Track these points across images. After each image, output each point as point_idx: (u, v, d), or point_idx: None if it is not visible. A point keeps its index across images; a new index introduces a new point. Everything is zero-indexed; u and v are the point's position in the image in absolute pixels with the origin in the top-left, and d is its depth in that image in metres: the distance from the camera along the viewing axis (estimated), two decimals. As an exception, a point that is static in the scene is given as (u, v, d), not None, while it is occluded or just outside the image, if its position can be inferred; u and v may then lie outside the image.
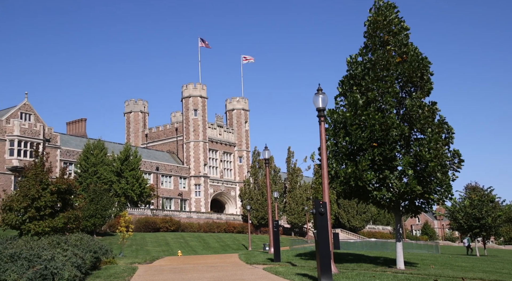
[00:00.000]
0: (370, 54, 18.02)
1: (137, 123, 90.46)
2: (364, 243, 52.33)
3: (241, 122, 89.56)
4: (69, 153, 65.33)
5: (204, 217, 71.42)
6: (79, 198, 34.36)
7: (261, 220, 71.28)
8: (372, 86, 17.27)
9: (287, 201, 76.39)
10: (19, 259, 10.59)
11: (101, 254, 19.19)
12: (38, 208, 27.73)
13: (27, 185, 28.39)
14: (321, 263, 11.93)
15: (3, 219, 28.73)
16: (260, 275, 14.70)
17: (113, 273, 15.37)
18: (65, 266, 11.60)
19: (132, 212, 60.29)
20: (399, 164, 16.75)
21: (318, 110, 16.42)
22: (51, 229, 27.28)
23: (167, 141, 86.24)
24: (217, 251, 45.71)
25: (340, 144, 17.56)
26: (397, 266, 17.44)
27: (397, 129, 16.48)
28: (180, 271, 16.90)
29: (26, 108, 60.67)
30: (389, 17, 17.75)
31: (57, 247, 15.24)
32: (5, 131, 57.24)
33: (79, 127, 79.55)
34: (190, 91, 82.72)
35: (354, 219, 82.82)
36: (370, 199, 17.46)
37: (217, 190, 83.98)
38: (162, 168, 76.57)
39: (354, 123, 17.16)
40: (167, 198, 76.73)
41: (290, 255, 25.97)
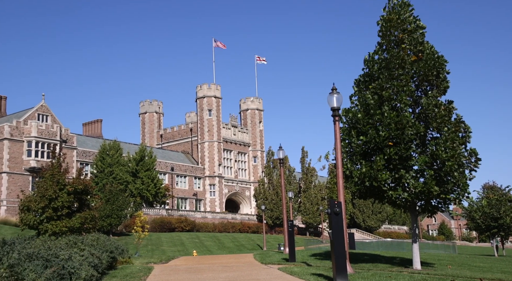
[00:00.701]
0: (385, 53, 17.89)
1: (152, 124, 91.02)
2: (380, 243, 52.00)
3: (255, 122, 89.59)
4: (85, 153, 65.99)
5: (219, 217, 71.59)
6: (95, 198, 34.64)
7: (275, 220, 71.22)
8: (387, 85, 17.14)
9: (302, 201, 76.21)
10: (37, 259, 10.73)
11: (117, 254, 19.33)
12: (55, 208, 28.05)
13: (44, 185, 28.73)
14: (336, 263, 11.88)
15: (22, 219, 29.13)
16: (275, 275, 14.68)
17: (129, 273, 15.48)
18: (82, 265, 11.72)
19: (148, 212, 60.69)
20: (415, 163, 16.60)
21: (333, 109, 16.35)
22: (68, 229, 27.58)
23: (182, 141, 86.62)
24: (232, 251, 45.80)
25: (355, 144, 17.47)
26: (414, 266, 17.29)
27: (412, 128, 16.33)
28: (195, 271, 16.96)
29: (43, 110, 61.43)
30: (403, 15, 17.60)
31: (74, 247, 15.41)
32: (23, 132, 58.02)
33: (95, 128, 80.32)
34: (205, 92, 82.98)
35: (370, 219, 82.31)
36: (385, 198, 17.34)
37: (231, 190, 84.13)
38: (177, 168, 76.93)
39: (368, 123, 17.05)
40: (182, 198, 77.07)
41: (305, 255, 25.90)
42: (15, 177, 56.73)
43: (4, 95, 66.80)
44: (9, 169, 56.49)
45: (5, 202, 55.65)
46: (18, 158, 57.36)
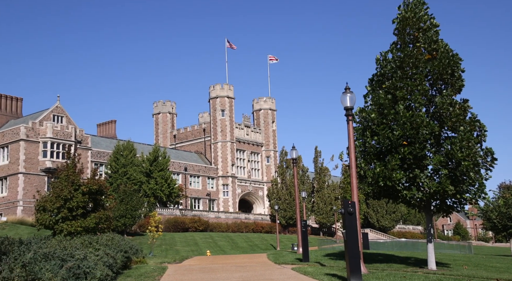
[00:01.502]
0: (399, 51, 17.77)
1: (165, 124, 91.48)
2: (394, 243, 51.65)
3: (268, 122, 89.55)
4: (100, 154, 66.54)
5: (232, 217, 71.70)
6: (110, 199, 34.92)
7: (289, 220, 71.13)
8: (401, 84, 17.03)
9: (315, 201, 76.02)
10: (53, 258, 10.84)
11: (132, 253, 19.48)
12: (71, 209, 28.34)
13: (59, 185, 29.05)
14: (350, 263, 11.83)
15: (38, 219, 29.49)
16: (289, 275, 14.66)
17: (144, 273, 15.57)
18: (97, 265, 11.82)
19: (161, 212, 61.01)
20: (430, 162, 16.45)
21: (346, 109, 16.28)
22: (83, 229, 27.85)
23: (195, 141, 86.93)
24: (245, 251, 45.84)
25: (369, 143, 17.38)
26: (429, 267, 17.15)
27: (427, 127, 16.19)
28: (209, 270, 17.00)
29: (58, 111, 62.10)
30: (419, 13, 17.47)
31: (89, 246, 15.56)
32: (38, 133, 58.71)
33: (109, 129, 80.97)
34: (217, 92, 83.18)
35: (384, 218, 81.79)
36: (400, 198, 17.21)
37: (244, 190, 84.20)
38: (190, 168, 77.22)
39: (382, 122, 16.94)
40: (196, 198, 77.35)
41: (319, 255, 25.83)
42: (31, 178, 57.42)
43: (20, 97, 67.66)
44: (25, 170, 57.20)
45: (22, 202, 56.36)
46: (34, 158, 58.05)
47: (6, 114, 65.29)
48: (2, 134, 59.76)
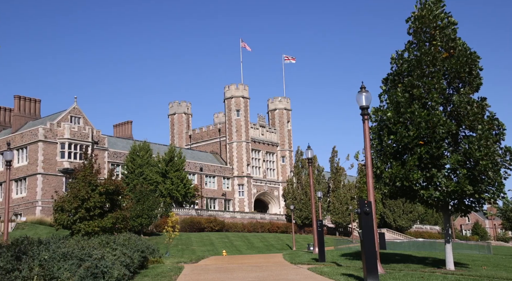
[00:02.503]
0: (416, 50, 17.60)
1: (181, 124, 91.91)
2: (411, 243, 51.17)
3: (284, 122, 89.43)
4: (116, 154, 67.13)
5: (248, 217, 71.76)
6: (126, 199, 35.21)
7: (304, 220, 70.95)
8: (418, 83, 16.87)
9: (331, 201, 75.70)
10: (71, 258, 10.97)
11: (148, 253, 19.60)
12: (88, 209, 28.65)
13: (77, 186, 29.38)
14: (367, 263, 11.76)
15: (56, 219, 29.88)
16: (305, 275, 14.62)
17: (160, 272, 15.66)
18: (115, 265, 11.92)
19: (177, 212, 61.29)
20: (447, 162, 16.28)
21: (362, 108, 16.18)
22: (100, 229, 28.12)
23: (210, 141, 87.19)
24: (261, 250, 45.84)
25: (385, 143, 17.26)
26: (447, 267, 16.96)
27: (444, 126, 16.02)
28: (225, 270, 17.03)
29: (76, 112, 62.82)
30: (435, 12, 17.29)
31: (106, 246, 15.69)
32: (56, 134, 59.46)
33: (126, 130, 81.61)
34: (232, 92, 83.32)
35: (400, 218, 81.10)
36: (417, 198, 17.06)
37: (260, 190, 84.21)
38: (206, 169, 77.48)
39: (398, 122, 16.81)
40: (211, 198, 77.58)
41: (335, 255, 25.72)
42: (49, 178, 58.17)
43: (38, 99, 68.55)
44: (44, 170, 57.98)
45: (40, 202, 57.15)
46: (52, 159, 58.80)
47: (24, 115, 66.21)
48: (21, 136, 60.65)
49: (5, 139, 60.90)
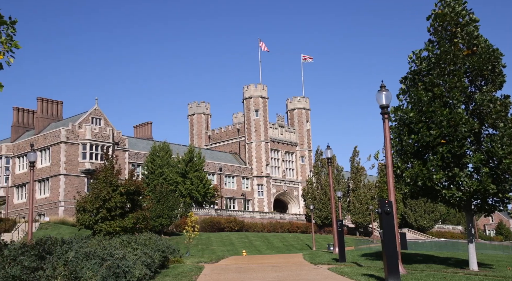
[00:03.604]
0: (436, 48, 17.39)
1: (200, 125, 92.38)
2: (433, 243, 50.56)
3: (303, 121, 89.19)
4: (137, 155, 67.79)
5: (267, 217, 71.75)
6: (147, 199, 35.55)
7: (324, 220, 70.65)
8: (439, 81, 16.65)
9: (351, 200, 75.25)
10: (93, 258, 11.10)
11: (169, 253, 19.74)
12: (109, 209, 29.02)
13: (98, 186, 29.79)
14: (388, 263, 11.65)
15: (78, 219, 30.34)
16: (325, 275, 14.55)
17: (181, 272, 15.76)
18: (136, 264, 12.03)
19: (197, 212, 61.61)
20: (470, 161, 16.04)
21: (382, 107, 16.03)
22: (121, 229, 28.45)
23: (230, 141, 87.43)
24: (281, 250, 45.80)
25: (405, 142, 17.08)
26: (470, 267, 16.71)
27: (466, 125, 15.79)
28: (245, 270, 17.06)
29: (97, 113, 63.64)
30: (457, 9, 17.06)
31: (127, 246, 15.85)
32: (78, 135, 60.33)
33: (146, 130, 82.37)
34: (251, 92, 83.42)
35: (422, 218, 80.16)
36: (438, 198, 16.85)
37: (279, 190, 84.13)
38: (225, 169, 77.72)
39: (420, 121, 16.62)
40: (231, 198, 77.79)
41: (355, 255, 25.55)
42: (72, 179, 59.05)
43: (61, 100, 69.63)
44: (66, 171, 58.87)
45: (63, 203, 58.06)
46: (74, 160, 59.67)
47: (47, 117, 67.33)
48: (44, 137, 61.70)
49: (28, 141, 62.01)
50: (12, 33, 8.19)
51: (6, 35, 8.12)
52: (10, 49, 8.14)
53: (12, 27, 8.15)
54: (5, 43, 8.10)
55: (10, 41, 8.14)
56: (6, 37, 8.11)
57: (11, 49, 8.17)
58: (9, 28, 8.14)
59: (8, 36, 8.14)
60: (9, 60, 8.18)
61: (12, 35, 8.20)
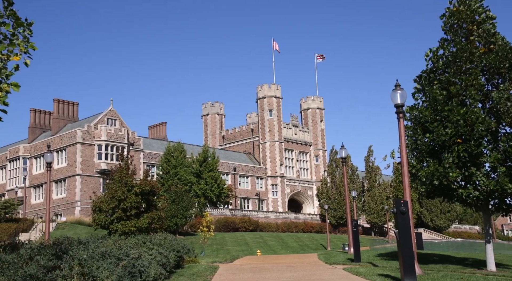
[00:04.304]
0: (452, 46, 17.19)
1: (214, 125, 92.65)
2: (450, 243, 50.06)
3: (317, 121, 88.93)
4: (151, 155, 68.20)
5: (281, 217, 71.68)
6: (162, 199, 35.76)
7: (339, 220, 70.36)
8: (455, 80, 16.47)
9: (366, 200, 74.83)
10: (109, 257, 11.20)
11: (184, 253, 19.81)
12: (125, 209, 29.25)
13: (114, 187, 30.06)
14: (404, 263, 11.55)
15: (94, 219, 30.64)
16: (341, 275, 14.49)
17: (196, 272, 15.81)
18: (151, 264, 12.10)
19: (212, 212, 61.77)
20: (486, 160, 15.84)
21: (397, 106, 15.91)
22: (136, 229, 28.67)
23: (243, 141, 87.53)
24: (295, 250, 45.70)
25: (421, 141, 16.94)
26: (488, 268, 16.50)
27: (483, 124, 15.59)
28: (260, 270, 17.05)
29: (112, 114, 64.17)
30: (473, 6, 16.85)
31: (143, 246, 15.94)
32: (93, 136, 60.90)
33: (160, 131, 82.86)
34: (265, 92, 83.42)
35: (438, 218, 79.39)
36: (455, 197, 16.67)
37: (294, 189, 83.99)
38: (239, 169, 77.82)
39: (435, 120, 16.45)
40: (245, 198, 77.87)
41: (371, 255, 25.40)
42: (87, 179, 59.64)
43: (76, 101, 70.35)
44: (82, 172, 59.47)
45: (79, 203, 58.66)
46: (90, 160, 60.25)
47: (63, 118, 68.07)
48: (60, 138, 62.40)
49: (45, 142, 62.79)
50: (28, 35, 8.30)
51: (23, 37, 8.25)
52: (27, 50, 8.26)
53: (28, 29, 8.26)
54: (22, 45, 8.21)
55: (26, 42, 8.26)
56: (23, 39, 8.24)
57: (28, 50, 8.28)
58: (26, 30, 8.25)
59: (25, 38, 8.26)
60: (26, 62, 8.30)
61: (29, 36, 8.32)
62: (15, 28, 8.11)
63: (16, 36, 8.15)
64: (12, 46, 8.12)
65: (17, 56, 8.17)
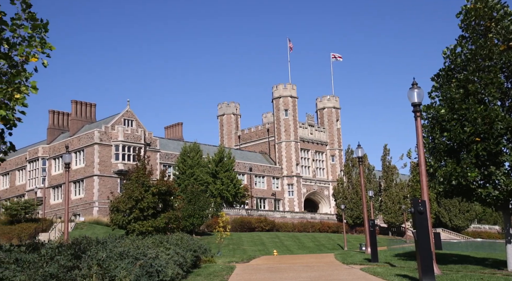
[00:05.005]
0: (470, 44, 16.97)
1: (229, 125, 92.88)
2: (469, 244, 49.37)
3: (333, 120, 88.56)
4: (168, 156, 68.62)
5: (298, 217, 71.55)
6: (178, 199, 35.92)
7: (356, 220, 69.97)
8: (473, 77, 16.26)
9: (383, 200, 74.30)
10: (127, 257, 11.30)
11: (200, 253, 19.90)
12: (142, 209, 29.47)
13: (131, 187, 30.30)
14: (422, 263, 11.44)
15: (112, 219, 30.93)
16: (358, 276, 14.41)
17: (213, 272, 15.86)
18: (168, 264, 12.18)
19: (228, 212, 61.90)
20: (506, 159, 15.60)
21: (414, 105, 15.77)
22: (153, 229, 28.86)
23: (259, 141, 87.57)
24: (312, 250, 45.57)
25: (438, 140, 16.76)
26: (508, 268, 16.26)
27: (502, 122, 15.36)
28: (276, 270, 17.04)
29: (129, 115, 64.74)
30: (490, 3, 16.62)
31: (160, 246, 16.06)
32: (110, 137, 61.51)
33: (176, 131, 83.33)
34: (280, 92, 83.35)
35: (457, 218, 78.43)
36: (474, 197, 16.45)
37: (310, 189, 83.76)
38: (255, 169, 77.86)
39: (452, 118, 16.26)
40: (261, 198, 77.88)
41: (388, 255, 25.22)
42: (105, 179, 60.25)
43: (94, 103, 71.11)
44: (100, 172, 60.09)
45: (97, 203, 59.30)
46: (107, 161, 60.86)
47: (81, 119, 68.87)
48: (78, 139, 63.15)
49: (63, 143, 63.61)
50: (45, 36, 8.40)
51: (40, 38, 8.35)
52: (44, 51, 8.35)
53: (44, 29, 8.35)
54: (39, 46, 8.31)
55: (44, 43, 8.36)
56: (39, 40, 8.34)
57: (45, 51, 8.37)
58: (42, 31, 8.34)
59: (42, 39, 8.36)
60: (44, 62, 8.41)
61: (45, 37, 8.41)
62: (32, 30, 8.22)
63: (34, 38, 8.25)
64: (30, 48, 8.23)
65: (34, 57, 8.29)
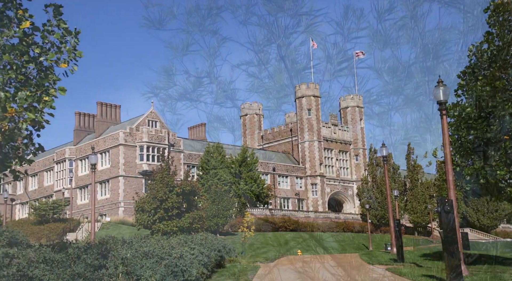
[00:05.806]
0: (497, 40, 16.62)
1: (252, 125, 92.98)
2: (498, 244, 48.35)
3: (356, 120, 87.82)
4: (191, 156, 69.10)
5: (321, 217, 71.16)
6: (202, 199, 36.15)
7: (381, 219, 69.22)
8: (500, 74, 15.91)
9: (408, 199, 73.32)
10: (152, 257, 11.42)
11: (225, 253, 19.96)
12: (166, 209, 29.74)
13: (155, 187, 30.61)
14: (449, 264, 11.25)
15: (137, 219, 31.31)
16: (384, 276, 14.24)
17: (237, 271, 15.91)
18: (193, 263, 12.26)
19: (252, 212, 61.94)
20: (536, 157, 15.22)
21: (439, 103, 15.51)
22: (178, 229, 29.09)
23: (282, 141, 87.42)
24: (336, 250, 45.26)
25: (465, 139, 16.46)
26: (538, 270, 15.83)
27: (531, 119, 14.99)
28: (301, 270, 16.98)
29: (153, 116, 65.44)
30: (519, -2, 16.25)
31: (184, 245, 16.17)
32: (135, 138, 62.27)
33: (199, 132, 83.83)
34: (303, 91, 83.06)
35: (485, 217, 76.88)
36: (503, 196, 16.10)
37: (333, 189, 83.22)
38: (278, 169, 77.75)
39: (479, 116, 15.95)
40: (285, 198, 77.73)
41: (414, 255, 24.88)
42: (130, 180, 61.01)
43: (118, 104, 72.09)
44: (125, 173, 60.88)
45: (122, 203, 60.10)
46: (132, 162, 61.62)
47: (106, 121, 69.88)
48: (104, 140, 64.11)
49: (89, 144, 64.66)
50: (76, 43, 8.82)
51: (71, 45, 8.77)
52: (74, 58, 8.76)
53: (76, 38, 8.76)
54: (70, 53, 8.73)
55: (74, 51, 8.78)
56: (70, 46, 8.76)
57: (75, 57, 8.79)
58: (74, 38, 8.76)
59: (73, 46, 8.78)
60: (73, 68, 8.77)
61: (76, 45, 8.84)
62: (63, 37, 8.62)
63: (64, 44, 8.66)
64: (60, 54, 8.63)
65: (64, 63, 8.66)
